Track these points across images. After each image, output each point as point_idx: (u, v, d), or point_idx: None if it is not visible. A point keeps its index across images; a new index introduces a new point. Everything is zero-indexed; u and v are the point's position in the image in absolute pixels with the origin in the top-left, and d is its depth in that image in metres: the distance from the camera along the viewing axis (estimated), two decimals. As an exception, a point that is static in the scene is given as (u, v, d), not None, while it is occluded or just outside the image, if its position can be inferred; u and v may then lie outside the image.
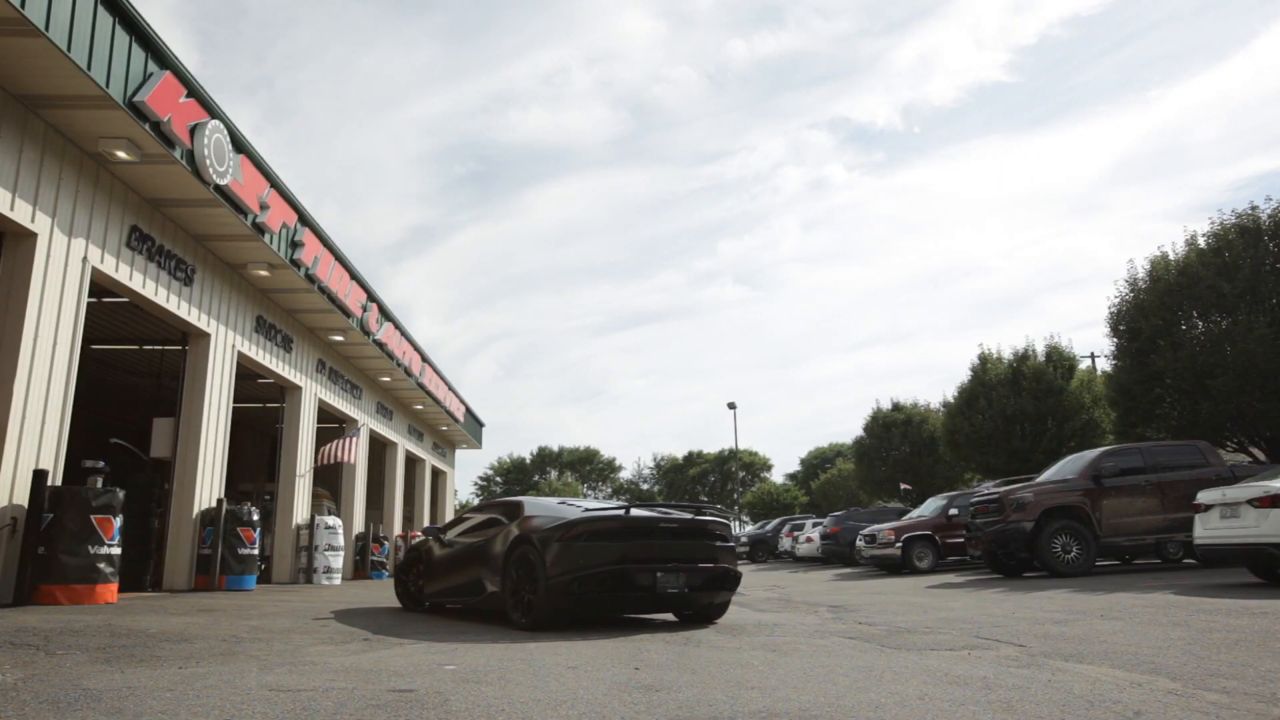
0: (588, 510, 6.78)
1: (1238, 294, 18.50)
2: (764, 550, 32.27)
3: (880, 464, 40.33)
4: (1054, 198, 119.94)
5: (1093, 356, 33.86)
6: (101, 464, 9.40)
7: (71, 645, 4.83)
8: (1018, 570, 13.43)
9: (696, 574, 6.40)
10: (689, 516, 6.82)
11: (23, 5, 7.10)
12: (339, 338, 17.77)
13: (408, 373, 21.28)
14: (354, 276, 16.33)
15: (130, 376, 18.16)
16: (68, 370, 9.33)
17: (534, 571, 6.27)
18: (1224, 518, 9.06)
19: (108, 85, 8.37)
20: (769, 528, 34.12)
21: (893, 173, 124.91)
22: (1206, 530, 9.32)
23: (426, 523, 29.05)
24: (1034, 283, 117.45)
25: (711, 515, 6.99)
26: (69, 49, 7.75)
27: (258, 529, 13.15)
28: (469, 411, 31.45)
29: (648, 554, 6.27)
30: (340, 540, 16.85)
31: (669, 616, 7.36)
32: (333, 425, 20.57)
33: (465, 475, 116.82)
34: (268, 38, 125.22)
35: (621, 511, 6.63)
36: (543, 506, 7.18)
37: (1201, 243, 20.02)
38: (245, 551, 12.70)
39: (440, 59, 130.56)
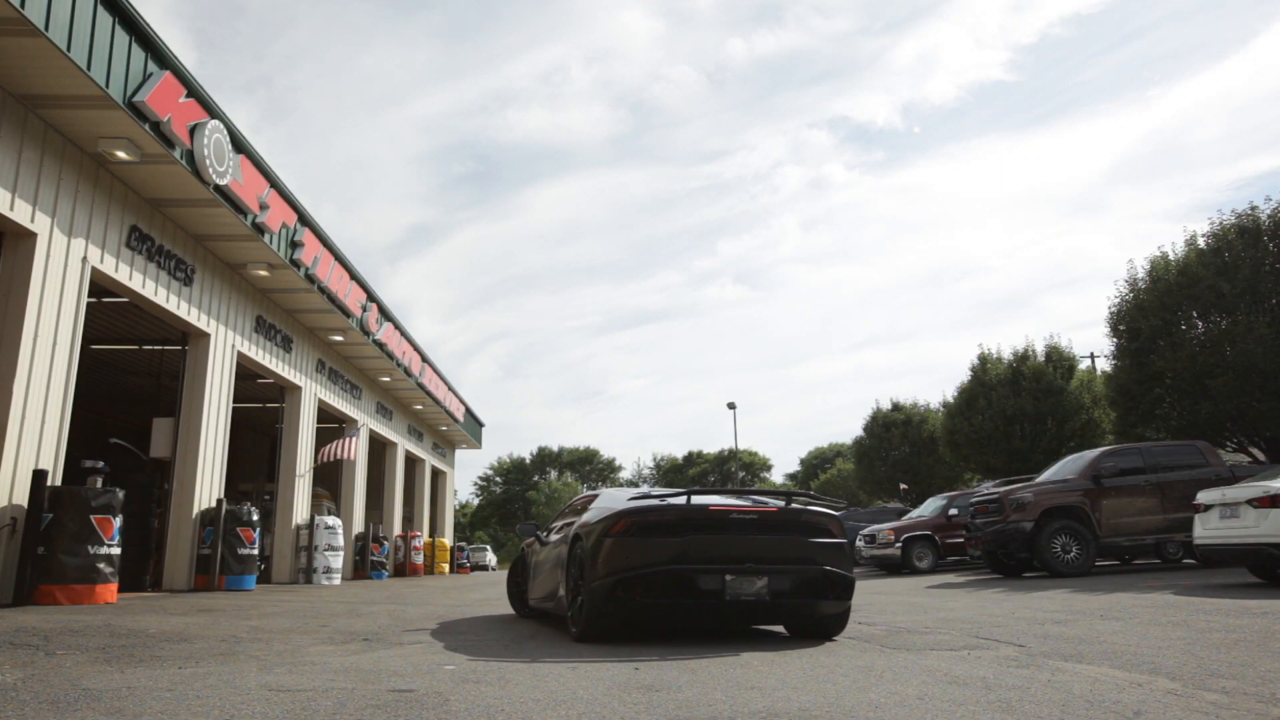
0: (631, 498, 5.85)
1: (1237, 294, 18.50)
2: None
3: (880, 464, 40.35)
4: (1054, 197, 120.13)
5: (1092, 356, 33.88)
6: (101, 464, 9.39)
7: (71, 645, 4.83)
8: (1018, 570, 13.42)
9: (783, 577, 5.18)
10: (774, 505, 5.57)
11: (23, 5, 7.10)
12: (339, 338, 17.77)
13: (407, 373, 21.28)
14: (354, 276, 16.33)
15: (130, 376, 18.16)
16: (68, 370, 9.33)
17: (584, 574, 5.40)
18: (1224, 518, 9.06)
19: (107, 85, 8.37)
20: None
21: (893, 172, 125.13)
22: (1206, 530, 9.32)
23: (426, 523, 29.06)
24: (1034, 283, 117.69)
25: (808, 503, 5.71)
26: (69, 49, 7.75)
27: (257, 529, 13.15)
28: (469, 411, 31.45)
29: (715, 551, 5.15)
30: (340, 540, 16.86)
31: (779, 629, 6.14)
32: (333, 425, 20.57)
33: (465, 475, 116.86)
34: (266, 36, 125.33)
35: (681, 499, 5.50)
36: (610, 498, 6.17)
37: (1201, 243, 20.03)
38: (245, 551, 12.70)
39: (439, 58, 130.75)
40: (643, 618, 5.26)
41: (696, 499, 5.51)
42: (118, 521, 8.87)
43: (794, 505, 5.60)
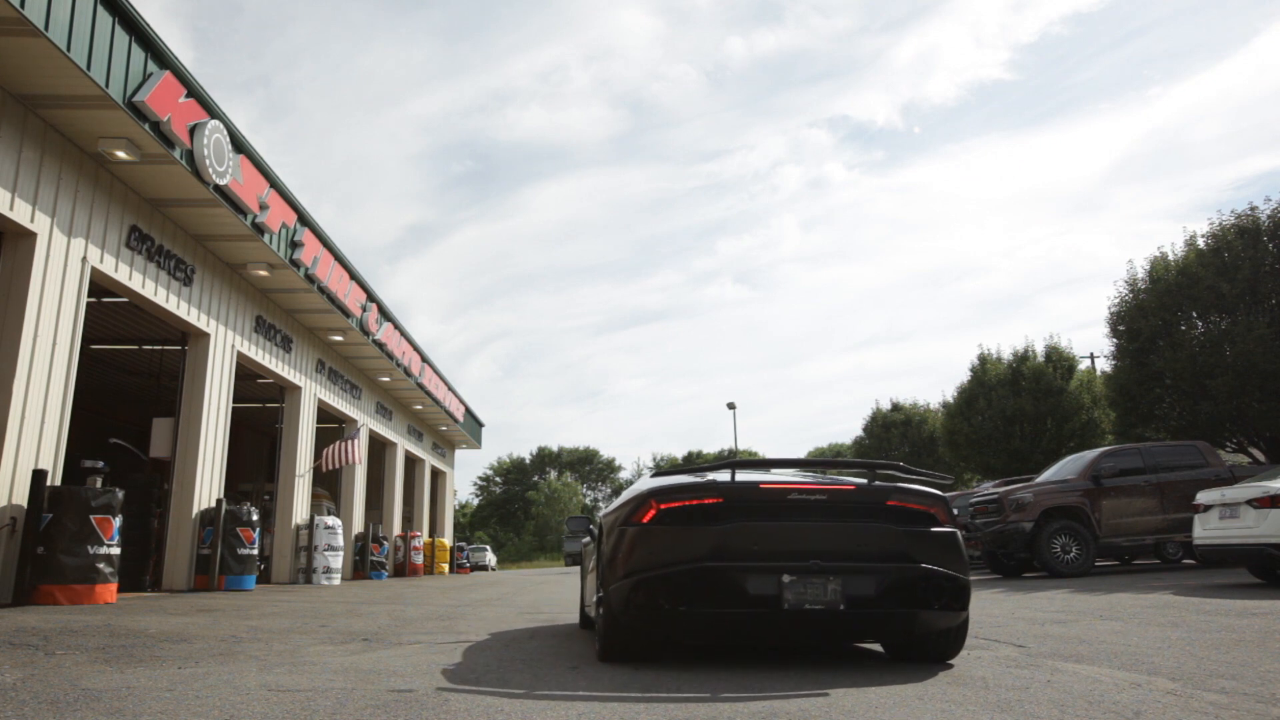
0: (655, 473, 4.76)
1: (1237, 294, 18.53)
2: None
3: (880, 464, 40.36)
4: (1054, 196, 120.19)
5: (1092, 357, 33.91)
6: (101, 464, 9.39)
7: (71, 645, 4.83)
8: (1017, 570, 13.43)
9: (864, 579, 3.89)
10: (851, 482, 4.30)
11: (23, 5, 7.10)
12: (338, 338, 17.78)
13: (407, 373, 21.29)
14: (353, 276, 16.33)
15: (130, 376, 18.16)
16: (67, 370, 9.33)
17: (605, 576, 4.31)
18: (1223, 518, 9.06)
19: (107, 85, 8.37)
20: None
21: (892, 171, 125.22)
22: (1206, 531, 9.32)
23: (426, 523, 29.04)
24: (1034, 283, 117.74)
25: (899, 479, 4.39)
26: (69, 49, 7.75)
27: (257, 529, 13.15)
28: (468, 411, 31.45)
29: (768, 544, 3.92)
30: (340, 540, 16.86)
31: (875, 648, 4.96)
32: (333, 425, 20.57)
33: (465, 475, 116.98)
34: (264, 35, 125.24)
35: (724, 475, 4.29)
36: (648, 482, 4.79)
37: (1201, 243, 20.07)
38: (245, 551, 12.70)
39: (438, 56, 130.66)
40: (673, 631, 4.01)
41: (743, 474, 4.31)
42: (117, 521, 8.87)
43: (879, 483, 4.25)
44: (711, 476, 4.30)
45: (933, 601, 3.94)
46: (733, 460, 4.30)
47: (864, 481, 4.27)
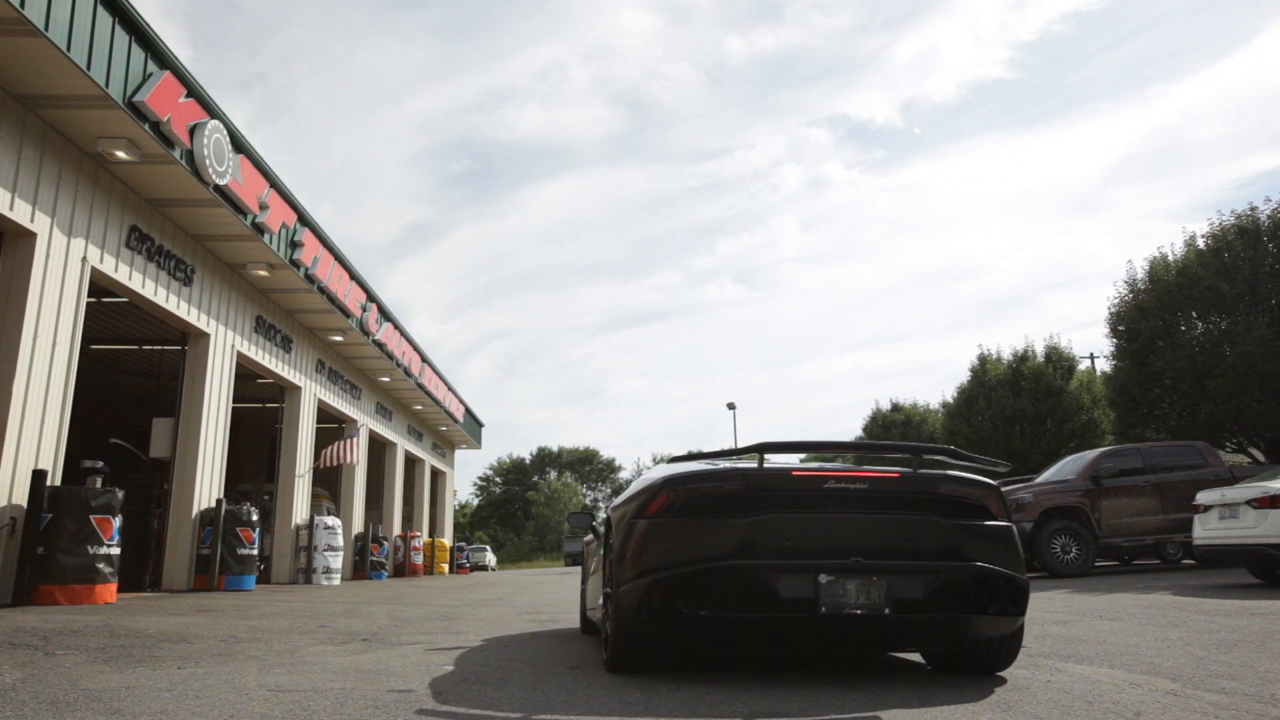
0: (673, 459, 4.32)
1: (1237, 295, 18.54)
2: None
3: (880, 464, 40.36)
4: (1054, 196, 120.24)
5: (1092, 357, 33.91)
6: (101, 464, 9.39)
7: (70, 645, 4.82)
8: (1017, 571, 13.42)
9: (912, 579, 3.44)
10: (894, 471, 3.74)
11: (22, 5, 7.10)
12: (338, 338, 17.78)
13: (407, 373, 21.29)
14: (353, 276, 16.34)
15: (130, 376, 18.17)
16: (67, 370, 9.33)
17: (614, 575, 3.86)
18: (1223, 518, 9.06)
19: (107, 85, 8.37)
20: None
21: (892, 171, 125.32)
22: (1206, 531, 9.33)
23: (426, 524, 29.02)
24: (1034, 282, 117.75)
25: (949, 466, 3.98)
26: (68, 49, 7.75)
27: (257, 529, 13.15)
28: (468, 411, 31.45)
29: (803, 539, 3.48)
30: (339, 540, 16.86)
31: (917, 658, 4.49)
32: (332, 425, 20.57)
33: (465, 475, 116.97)
34: (262, 34, 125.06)
35: (751, 462, 3.84)
36: (664, 469, 4.11)
37: (1201, 244, 20.09)
38: (244, 552, 12.70)
39: (436, 55, 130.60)
40: (692, 638, 3.60)
41: (773, 459, 3.85)
42: (117, 521, 8.87)
43: (925, 471, 3.74)
44: (736, 462, 3.89)
45: (988, 605, 3.49)
46: (761, 444, 3.70)
47: (909, 468, 3.75)
